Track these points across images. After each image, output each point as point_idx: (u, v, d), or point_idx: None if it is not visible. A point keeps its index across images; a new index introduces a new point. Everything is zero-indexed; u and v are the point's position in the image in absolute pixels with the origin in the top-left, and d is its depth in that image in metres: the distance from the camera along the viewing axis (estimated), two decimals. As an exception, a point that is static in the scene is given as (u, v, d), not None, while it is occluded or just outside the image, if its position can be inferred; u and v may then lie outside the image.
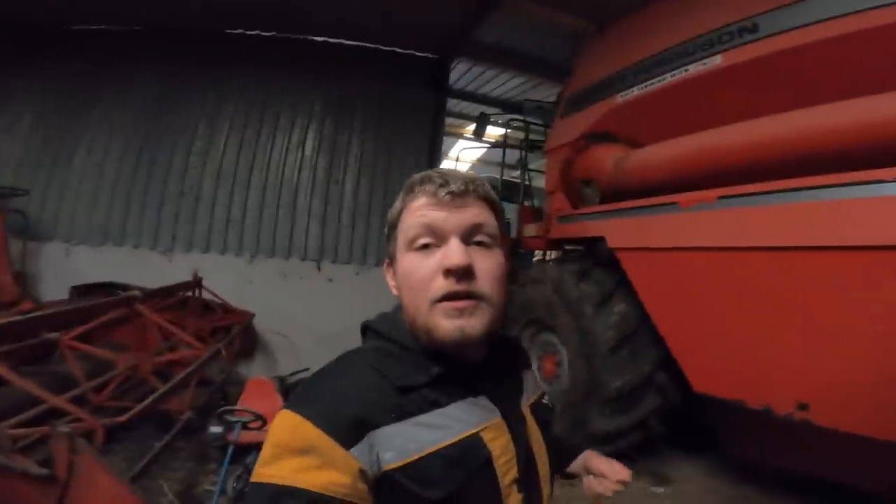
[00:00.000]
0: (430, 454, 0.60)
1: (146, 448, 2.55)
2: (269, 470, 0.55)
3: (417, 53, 5.77)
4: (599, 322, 2.93)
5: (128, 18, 5.14)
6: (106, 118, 5.10)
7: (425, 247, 0.65)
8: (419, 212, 0.66)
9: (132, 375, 2.99)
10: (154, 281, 3.95)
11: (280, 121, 5.43)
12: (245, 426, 2.50)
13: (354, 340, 0.70)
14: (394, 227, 0.70)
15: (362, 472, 0.56)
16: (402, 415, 0.61)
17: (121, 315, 3.09)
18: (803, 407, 1.97)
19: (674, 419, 2.91)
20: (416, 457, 0.59)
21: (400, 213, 0.69)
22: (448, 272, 0.62)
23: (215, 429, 2.70)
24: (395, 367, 0.65)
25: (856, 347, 1.85)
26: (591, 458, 0.96)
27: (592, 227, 3.30)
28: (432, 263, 0.64)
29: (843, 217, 1.94)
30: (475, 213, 0.66)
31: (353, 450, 0.56)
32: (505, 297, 0.68)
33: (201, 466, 2.76)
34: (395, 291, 0.71)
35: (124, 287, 3.97)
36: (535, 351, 3.50)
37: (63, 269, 4.69)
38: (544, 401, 0.85)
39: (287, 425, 0.58)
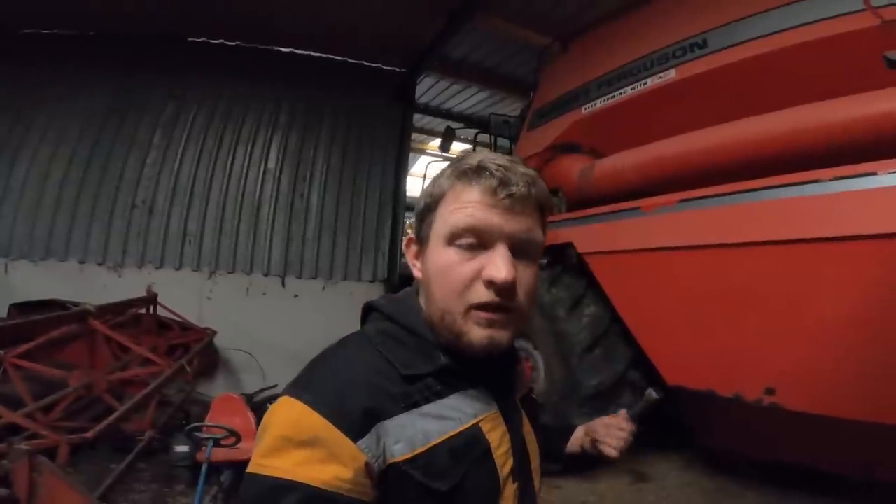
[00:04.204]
0: (435, 446, 0.59)
1: (104, 472, 2.35)
2: (270, 461, 0.52)
3: (385, 67, 5.84)
4: (573, 324, 3.02)
5: (82, 23, 4.89)
6: (53, 125, 4.77)
7: (468, 246, 0.61)
8: (470, 208, 0.61)
9: (83, 395, 2.77)
10: (102, 298, 3.68)
11: (242, 132, 5.28)
12: (218, 443, 2.36)
13: (322, 357, 0.67)
14: (431, 208, 0.66)
15: (367, 466, 0.54)
16: (409, 405, 0.60)
17: (72, 331, 2.87)
18: (770, 391, 2.10)
19: (648, 417, 3.02)
20: (423, 448, 0.58)
21: (443, 195, 0.64)
22: (492, 284, 0.59)
23: (181, 448, 2.55)
24: (402, 354, 0.64)
25: (815, 332, 2.02)
26: (592, 425, 1.00)
27: (560, 234, 3.42)
28: (474, 266, 0.60)
29: (790, 213, 2.13)
30: (529, 226, 0.63)
31: (360, 442, 0.54)
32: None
33: (168, 488, 2.56)
34: (417, 273, 0.69)
35: (67, 305, 3.68)
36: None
37: (0, 286, 4.28)
38: (532, 395, 0.87)
39: (291, 414, 0.55)
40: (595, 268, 3.08)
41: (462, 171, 0.63)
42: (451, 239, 0.62)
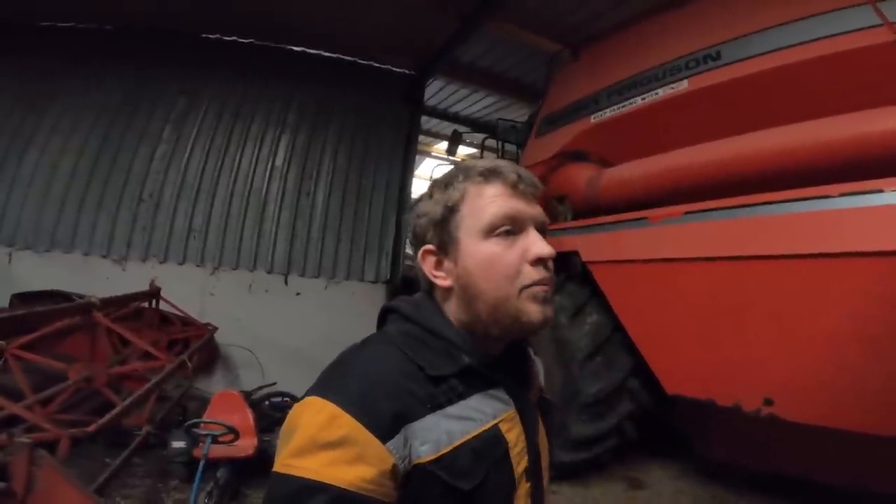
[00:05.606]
0: (459, 446, 0.60)
1: (98, 466, 2.35)
2: (299, 461, 0.53)
3: (395, 69, 5.84)
4: (575, 332, 3.01)
5: (99, 17, 4.94)
6: (65, 116, 4.81)
7: (506, 234, 0.66)
8: (499, 200, 0.67)
9: (82, 388, 2.77)
10: (105, 291, 3.67)
11: (251, 129, 5.29)
12: (216, 440, 2.37)
13: (322, 355, 0.67)
14: (454, 210, 0.68)
15: (394, 468, 0.55)
16: (434, 406, 0.61)
17: (75, 323, 2.87)
18: (769, 402, 2.10)
19: (646, 425, 3.01)
20: (447, 449, 0.59)
21: (462, 197, 0.68)
22: (539, 261, 0.66)
23: (178, 443, 2.55)
24: (427, 355, 0.65)
25: (816, 345, 2.01)
26: None
27: (566, 242, 3.41)
28: (516, 251, 0.66)
29: (796, 228, 2.12)
30: (542, 212, 0.70)
31: (388, 444, 0.55)
32: None
33: (162, 483, 2.56)
34: (442, 282, 0.69)
35: (70, 296, 3.69)
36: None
37: (4, 276, 4.30)
38: (544, 395, 0.87)
39: (321, 414, 0.55)
40: (599, 277, 3.08)
41: (480, 173, 0.68)
42: (490, 230, 0.66)
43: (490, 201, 0.67)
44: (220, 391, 3.17)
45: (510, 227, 0.66)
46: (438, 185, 0.72)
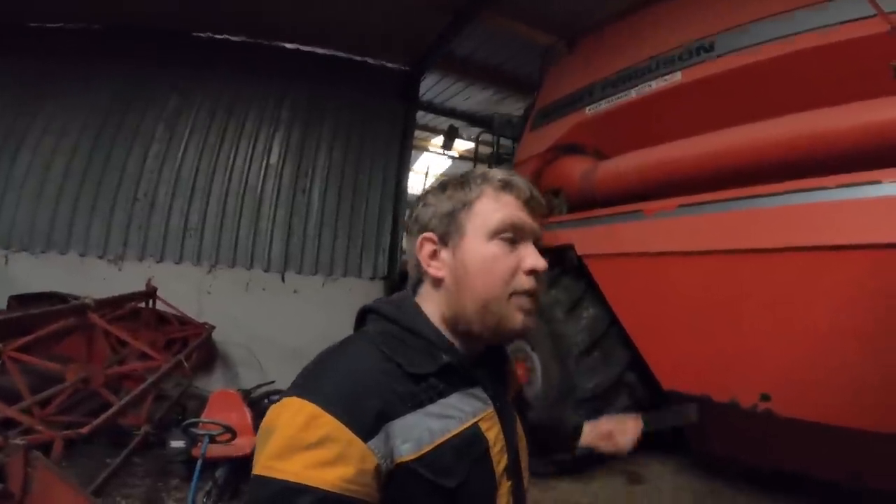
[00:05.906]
0: (440, 444, 0.61)
1: (99, 466, 2.36)
2: (279, 463, 0.53)
3: (389, 64, 5.81)
4: (571, 326, 3.01)
5: (88, 17, 4.91)
6: (57, 117, 4.79)
7: (508, 241, 0.69)
8: (509, 208, 0.70)
9: (80, 389, 2.77)
10: (101, 291, 3.68)
11: (245, 127, 5.27)
12: (213, 439, 2.37)
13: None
14: (465, 206, 0.71)
15: (377, 467, 0.55)
16: (416, 404, 0.61)
17: (71, 325, 2.87)
18: (766, 398, 2.10)
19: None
20: (429, 447, 0.60)
21: (478, 198, 0.71)
22: (533, 272, 0.69)
23: (177, 443, 2.56)
24: (407, 354, 0.65)
25: (811, 340, 2.01)
26: (599, 423, 1.11)
27: (561, 236, 3.40)
28: (514, 258, 0.69)
29: (791, 221, 2.11)
30: (541, 230, 0.75)
31: (370, 443, 0.55)
32: None
33: (162, 483, 2.57)
34: (436, 272, 0.71)
35: (67, 297, 3.69)
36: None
37: (1, 278, 4.30)
38: (522, 394, 0.91)
39: (301, 415, 0.55)
40: (595, 270, 3.07)
41: (499, 180, 0.72)
42: (495, 233, 0.69)
43: (500, 205, 0.70)
44: (218, 390, 3.18)
45: (513, 236, 0.69)
46: (454, 182, 0.74)
